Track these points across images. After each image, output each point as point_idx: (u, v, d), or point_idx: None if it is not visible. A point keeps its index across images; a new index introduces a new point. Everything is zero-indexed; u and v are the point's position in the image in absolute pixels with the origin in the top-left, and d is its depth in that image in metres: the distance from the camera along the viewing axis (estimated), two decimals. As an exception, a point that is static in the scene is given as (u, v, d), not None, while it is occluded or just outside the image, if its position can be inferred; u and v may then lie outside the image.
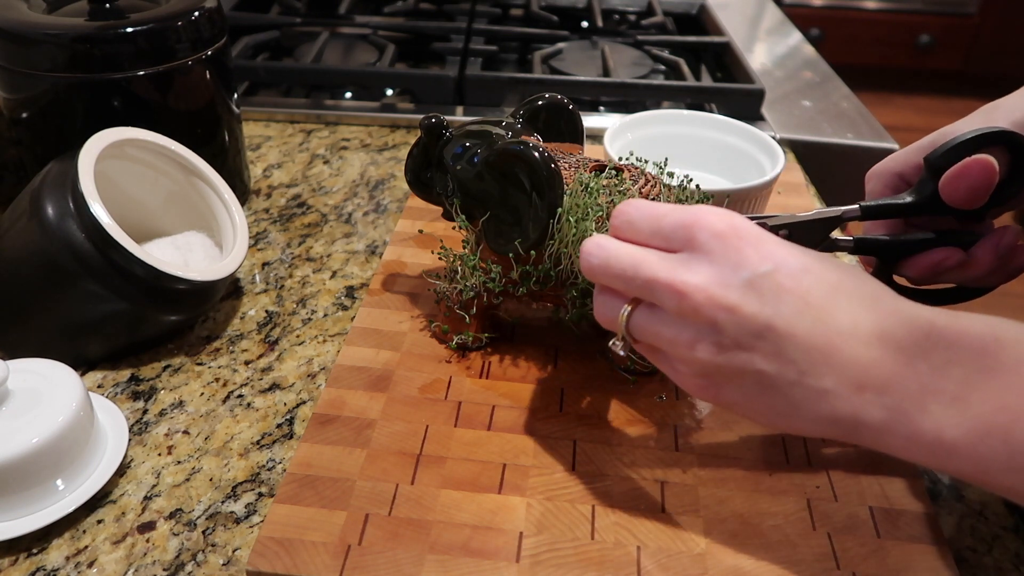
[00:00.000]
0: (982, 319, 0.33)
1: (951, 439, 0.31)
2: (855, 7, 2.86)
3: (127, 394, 0.51)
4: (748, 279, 0.33)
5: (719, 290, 0.33)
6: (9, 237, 0.51)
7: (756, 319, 0.33)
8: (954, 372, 0.31)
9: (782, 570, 0.39)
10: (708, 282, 0.34)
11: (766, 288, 0.33)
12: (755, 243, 0.34)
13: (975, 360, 0.31)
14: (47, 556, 0.41)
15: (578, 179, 0.47)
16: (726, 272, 0.34)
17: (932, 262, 0.45)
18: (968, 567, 0.42)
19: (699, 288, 0.34)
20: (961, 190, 0.43)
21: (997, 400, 0.31)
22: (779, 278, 0.33)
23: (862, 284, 0.35)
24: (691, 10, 1.20)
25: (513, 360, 0.52)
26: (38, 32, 0.56)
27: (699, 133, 0.71)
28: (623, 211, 0.38)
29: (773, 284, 0.33)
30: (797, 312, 0.33)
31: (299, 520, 0.40)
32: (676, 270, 0.35)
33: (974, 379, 0.31)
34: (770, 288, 0.33)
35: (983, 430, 0.31)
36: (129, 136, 0.54)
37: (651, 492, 0.43)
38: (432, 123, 0.51)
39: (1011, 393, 0.31)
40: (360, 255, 0.65)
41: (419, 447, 0.45)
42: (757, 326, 0.33)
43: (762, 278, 0.33)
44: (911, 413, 0.32)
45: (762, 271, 0.33)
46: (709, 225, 0.35)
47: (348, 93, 0.93)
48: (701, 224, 0.35)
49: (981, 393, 0.31)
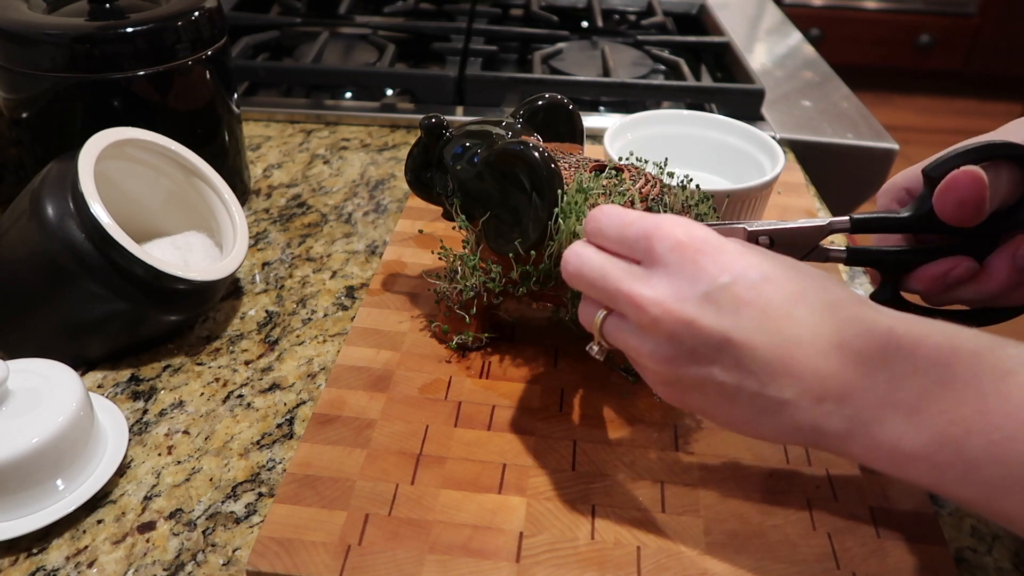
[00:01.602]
0: (941, 327, 0.32)
1: (908, 450, 0.32)
2: (855, 7, 2.86)
3: (127, 394, 0.51)
4: (705, 292, 0.33)
5: (676, 304, 0.33)
6: (9, 237, 0.51)
7: (714, 332, 0.33)
8: (912, 383, 0.32)
9: (782, 570, 0.39)
10: (665, 296, 0.34)
11: (724, 300, 0.33)
12: (713, 254, 0.34)
13: (932, 371, 0.31)
14: (47, 556, 0.41)
15: (578, 179, 0.47)
16: (683, 285, 0.34)
17: (939, 272, 0.42)
18: (968, 567, 0.42)
19: (656, 302, 0.34)
20: (949, 204, 0.40)
21: (952, 412, 0.31)
22: (737, 290, 0.33)
23: (825, 291, 0.34)
24: (691, 10, 1.20)
25: (513, 360, 0.52)
26: (38, 32, 0.56)
27: (699, 133, 0.71)
28: (594, 217, 0.38)
29: (731, 296, 0.33)
30: (756, 324, 0.33)
31: (299, 520, 0.41)
32: (636, 283, 0.35)
33: (931, 391, 0.31)
34: (728, 300, 0.33)
35: (938, 442, 0.31)
36: (129, 136, 0.54)
37: (651, 492, 0.43)
38: (432, 123, 0.51)
39: (965, 406, 0.31)
40: (360, 255, 0.65)
41: (419, 447, 0.45)
42: (715, 339, 0.33)
43: (720, 290, 0.33)
44: (870, 424, 0.32)
45: (720, 283, 0.33)
46: (667, 236, 0.35)
47: (348, 93, 0.93)
48: (660, 235, 0.35)
49: (937, 405, 0.31)
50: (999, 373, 0.30)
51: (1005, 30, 2.83)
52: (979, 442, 0.30)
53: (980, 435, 0.30)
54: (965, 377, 0.31)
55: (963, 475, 0.31)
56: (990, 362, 0.31)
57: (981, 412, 0.30)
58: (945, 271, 0.42)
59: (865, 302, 0.34)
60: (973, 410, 0.30)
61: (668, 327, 0.34)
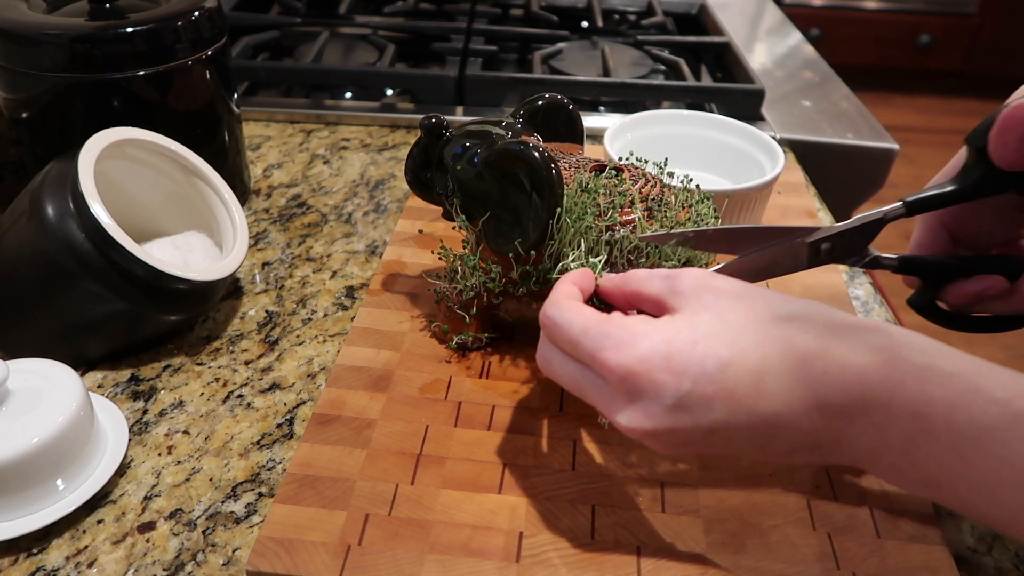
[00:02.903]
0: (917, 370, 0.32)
1: (911, 481, 0.34)
2: (855, 7, 2.86)
3: (127, 394, 0.51)
4: (672, 404, 0.34)
5: (650, 424, 0.34)
6: (9, 237, 0.51)
7: (695, 431, 0.34)
8: (895, 430, 0.32)
9: (782, 570, 0.39)
10: (638, 422, 0.35)
11: (693, 404, 0.34)
12: (664, 366, 0.34)
13: (911, 423, 0.32)
14: (47, 556, 0.41)
15: (578, 179, 0.47)
16: (649, 406, 0.34)
17: (975, 291, 0.45)
18: (968, 567, 0.42)
19: (631, 428, 0.35)
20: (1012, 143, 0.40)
21: (938, 459, 0.32)
22: (701, 389, 0.34)
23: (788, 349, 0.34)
24: (691, 10, 1.20)
25: (513, 360, 0.52)
26: (38, 32, 0.56)
27: (699, 133, 0.71)
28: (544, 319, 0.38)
29: (697, 397, 0.34)
30: (731, 411, 0.34)
31: (299, 520, 0.41)
32: (608, 407, 0.36)
33: (914, 438, 0.32)
34: (696, 402, 0.34)
35: (933, 484, 0.33)
36: (129, 136, 0.54)
37: (651, 492, 0.43)
38: (432, 123, 0.51)
39: (948, 456, 0.31)
40: (360, 255, 0.65)
41: (419, 447, 0.45)
42: (699, 435, 0.34)
43: (685, 398, 0.34)
44: (869, 464, 0.34)
45: (682, 392, 0.34)
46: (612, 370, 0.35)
47: (348, 93, 0.93)
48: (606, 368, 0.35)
49: (923, 451, 0.32)
50: (975, 431, 0.31)
51: (1005, 30, 2.83)
52: (969, 488, 0.31)
53: (969, 483, 0.31)
54: (941, 430, 0.31)
55: (964, 511, 0.33)
56: (966, 416, 0.31)
57: (964, 463, 0.31)
58: (981, 290, 0.44)
59: (833, 336, 0.34)
60: (956, 461, 0.31)
61: (652, 442, 0.35)
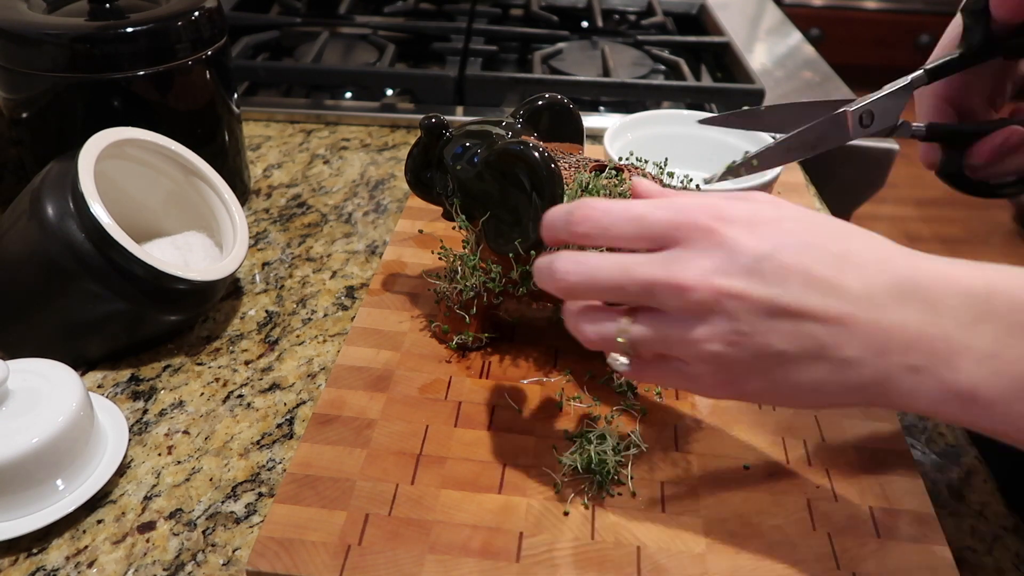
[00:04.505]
0: (1010, 271, 0.31)
1: (988, 397, 0.31)
2: (855, 7, 2.86)
3: (127, 394, 0.51)
4: (748, 264, 0.33)
5: (722, 279, 0.33)
6: (9, 237, 0.51)
7: (764, 301, 0.32)
8: (984, 329, 0.30)
9: (782, 570, 0.39)
10: (709, 273, 0.33)
11: (768, 270, 0.32)
12: (748, 228, 0.33)
13: (1008, 316, 0.30)
14: (47, 556, 0.41)
15: (578, 179, 0.47)
16: (724, 260, 0.33)
17: (996, 143, 0.45)
18: (968, 567, 0.42)
19: (701, 280, 0.33)
20: None
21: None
22: (780, 258, 0.33)
23: (871, 248, 0.33)
24: (691, 10, 1.20)
25: (513, 360, 0.52)
26: (38, 32, 0.56)
27: (699, 133, 0.71)
28: (589, 216, 0.36)
29: (774, 265, 0.33)
30: (805, 287, 0.32)
31: (299, 520, 0.40)
32: (672, 268, 0.34)
33: (1007, 336, 0.30)
34: (772, 269, 0.33)
35: (1019, 386, 0.30)
36: (129, 136, 0.54)
37: (651, 492, 0.43)
38: (432, 123, 0.51)
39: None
40: (360, 255, 0.65)
41: (419, 447, 0.45)
42: (768, 307, 0.32)
43: (761, 261, 0.33)
44: (941, 372, 0.31)
45: (760, 253, 0.33)
46: (696, 219, 0.34)
47: (348, 93, 0.93)
48: (686, 221, 0.34)
49: (1015, 350, 0.30)
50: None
51: (1005, 30, 2.83)
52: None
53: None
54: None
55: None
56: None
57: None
58: (1003, 140, 0.45)
59: (920, 255, 0.33)
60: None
61: (720, 303, 0.33)
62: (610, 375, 0.50)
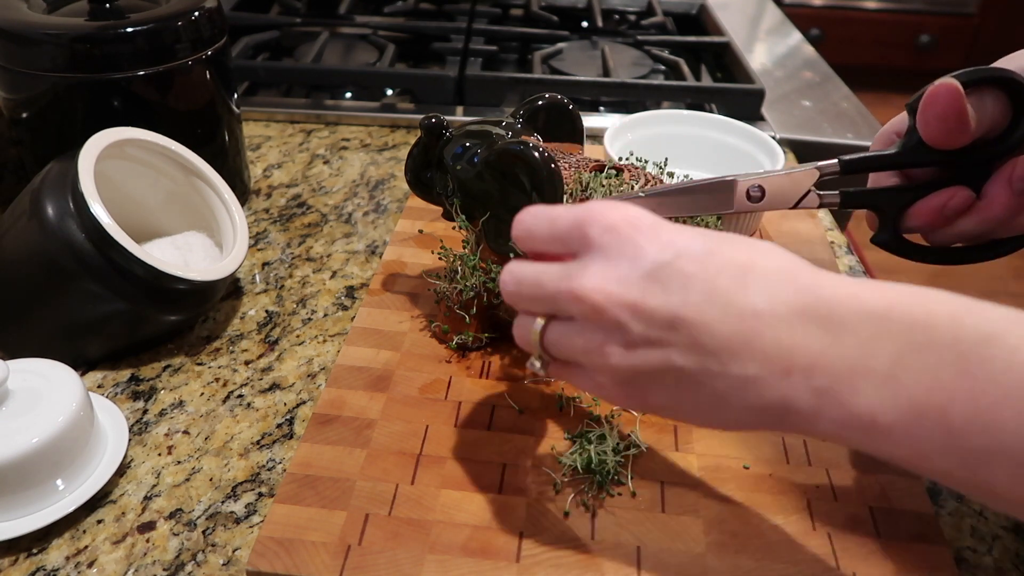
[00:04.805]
0: (913, 291, 0.30)
1: (885, 421, 0.29)
2: (855, 7, 2.86)
3: (127, 394, 0.51)
4: (648, 271, 0.31)
5: (618, 287, 0.32)
6: (9, 237, 0.51)
7: (662, 311, 0.31)
8: (885, 348, 0.29)
9: (782, 570, 0.39)
10: (605, 280, 0.32)
11: (669, 277, 0.31)
12: (651, 232, 0.32)
13: (906, 335, 0.29)
14: (47, 556, 0.41)
15: (578, 179, 0.47)
16: (623, 267, 0.32)
17: (937, 205, 0.41)
18: (968, 567, 0.42)
19: (596, 289, 0.32)
20: (932, 121, 0.39)
21: (931, 379, 0.29)
22: (682, 265, 0.31)
23: (777, 260, 0.32)
24: (691, 10, 1.20)
25: (513, 360, 0.52)
26: (38, 32, 0.56)
27: (699, 133, 0.71)
28: (520, 221, 0.36)
29: (676, 272, 0.31)
30: (706, 298, 0.31)
31: (299, 520, 0.41)
32: (573, 276, 0.33)
33: (906, 356, 0.29)
34: (674, 277, 0.31)
35: (918, 411, 0.29)
36: (129, 136, 0.54)
37: (651, 492, 0.43)
38: (432, 123, 0.51)
39: (944, 371, 0.28)
40: (360, 255, 0.65)
41: (419, 447, 0.45)
42: (665, 318, 0.31)
43: (663, 267, 0.31)
44: (842, 394, 0.30)
45: (662, 260, 0.31)
46: (599, 220, 0.33)
47: (348, 93, 0.93)
48: (591, 220, 0.33)
49: (914, 371, 0.29)
50: (980, 337, 0.28)
51: (1005, 30, 2.83)
52: (962, 409, 0.28)
53: (964, 402, 0.28)
54: (944, 341, 0.29)
55: (944, 446, 0.29)
56: (970, 325, 0.29)
57: (963, 377, 0.28)
58: (943, 203, 0.41)
59: (823, 271, 0.32)
60: (954, 375, 0.28)
61: (613, 313, 0.32)
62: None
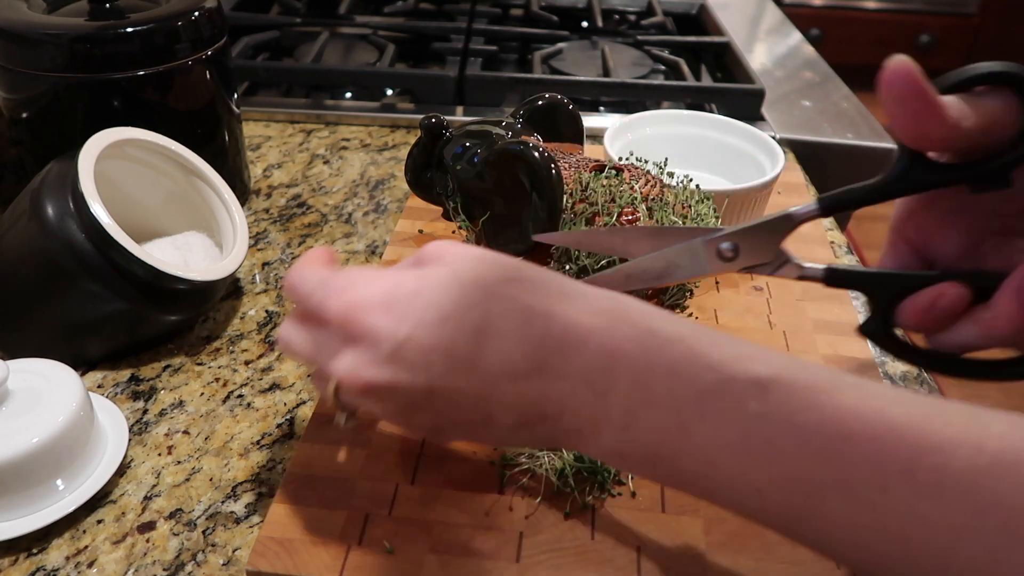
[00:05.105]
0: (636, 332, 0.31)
1: (633, 462, 0.32)
2: (855, 7, 2.86)
3: (127, 394, 0.51)
4: (390, 352, 0.32)
5: (369, 373, 0.32)
6: (9, 237, 0.51)
7: (415, 388, 0.32)
8: (616, 401, 0.31)
9: (782, 570, 0.39)
10: (356, 367, 0.32)
11: (411, 355, 0.32)
12: (383, 310, 0.32)
13: (633, 391, 0.31)
14: (47, 556, 0.41)
15: (578, 179, 0.47)
16: (368, 352, 0.32)
17: (925, 303, 0.36)
18: (968, 567, 0.42)
19: (352, 377, 0.33)
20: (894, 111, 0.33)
21: (658, 431, 0.31)
22: (419, 340, 0.32)
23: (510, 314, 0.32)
24: (691, 10, 1.20)
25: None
26: (38, 32, 0.56)
27: (699, 133, 0.71)
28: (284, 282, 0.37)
29: (415, 348, 0.32)
30: (449, 369, 0.32)
31: (299, 520, 0.40)
32: (332, 360, 0.34)
33: (635, 409, 0.31)
34: (413, 353, 0.32)
35: (655, 458, 0.31)
36: (129, 136, 0.54)
37: (651, 492, 0.43)
38: (432, 123, 0.51)
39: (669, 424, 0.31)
40: (360, 255, 0.65)
41: (419, 447, 0.45)
42: (421, 392, 0.32)
43: (401, 347, 0.32)
44: (591, 437, 0.32)
45: (399, 339, 0.32)
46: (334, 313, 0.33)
47: (348, 93, 0.93)
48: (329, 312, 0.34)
49: (644, 423, 0.31)
50: (695, 393, 0.30)
51: (1005, 30, 2.83)
52: (689, 462, 0.31)
53: (688, 456, 0.31)
54: (662, 397, 0.30)
55: (684, 485, 0.32)
56: (686, 380, 0.30)
57: (683, 432, 0.30)
58: (931, 301, 0.35)
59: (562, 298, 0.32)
60: (676, 429, 0.30)
61: (376, 393, 0.33)
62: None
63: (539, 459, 0.44)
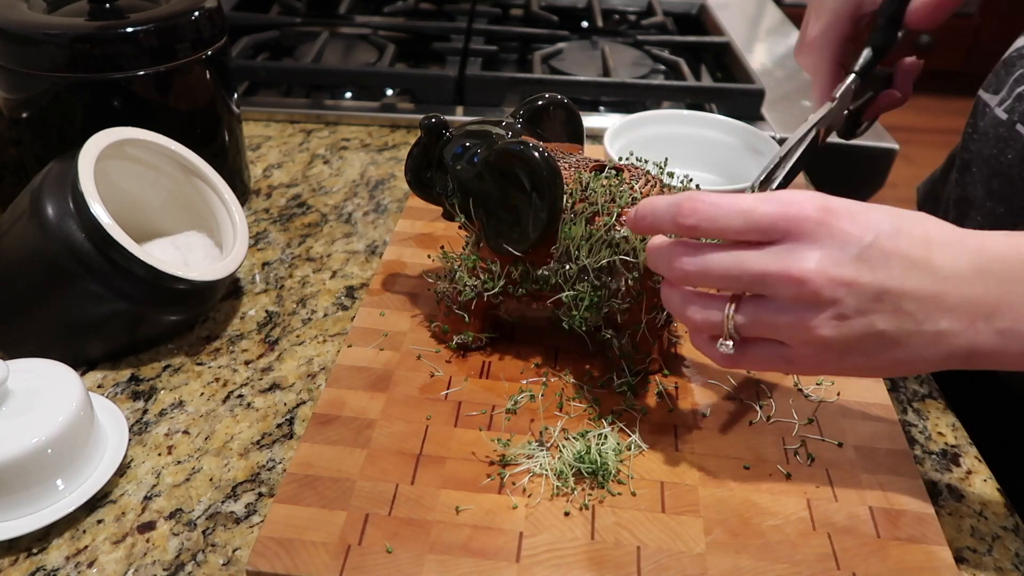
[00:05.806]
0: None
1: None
2: (855, 7, 2.85)
3: (127, 394, 0.51)
4: (857, 253, 0.36)
5: (835, 269, 0.36)
6: (9, 237, 0.51)
7: (872, 286, 0.36)
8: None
9: (782, 570, 0.39)
10: (823, 265, 0.36)
11: (874, 256, 0.36)
12: (851, 218, 0.37)
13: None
14: (47, 556, 0.41)
15: (578, 179, 0.47)
16: (836, 252, 0.36)
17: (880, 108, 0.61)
18: (968, 567, 0.42)
19: (817, 272, 0.36)
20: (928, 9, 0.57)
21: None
22: (882, 245, 0.36)
23: (945, 231, 0.38)
24: (691, 10, 1.20)
25: (513, 360, 0.52)
26: (38, 32, 0.56)
27: (699, 133, 0.71)
28: (697, 209, 0.38)
29: (878, 251, 0.36)
30: (905, 270, 0.36)
31: (299, 520, 0.40)
32: (786, 260, 0.37)
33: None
34: (877, 256, 0.36)
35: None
36: (129, 136, 0.54)
37: (651, 492, 0.43)
38: (432, 123, 0.51)
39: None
40: (360, 255, 0.65)
41: (419, 447, 0.45)
42: (875, 291, 0.36)
43: (868, 249, 0.36)
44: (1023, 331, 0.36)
45: (866, 243, 0.36)
46: (806, 215, 0.37)
47: (348, 93, 0.93)
48: (797, 215, 0.37)
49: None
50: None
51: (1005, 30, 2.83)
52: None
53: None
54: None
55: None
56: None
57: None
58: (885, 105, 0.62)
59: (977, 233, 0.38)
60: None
61: (831, 293, 0.36)
62: (610, 376, 0.50)
63: (539, 459, 0.44)
